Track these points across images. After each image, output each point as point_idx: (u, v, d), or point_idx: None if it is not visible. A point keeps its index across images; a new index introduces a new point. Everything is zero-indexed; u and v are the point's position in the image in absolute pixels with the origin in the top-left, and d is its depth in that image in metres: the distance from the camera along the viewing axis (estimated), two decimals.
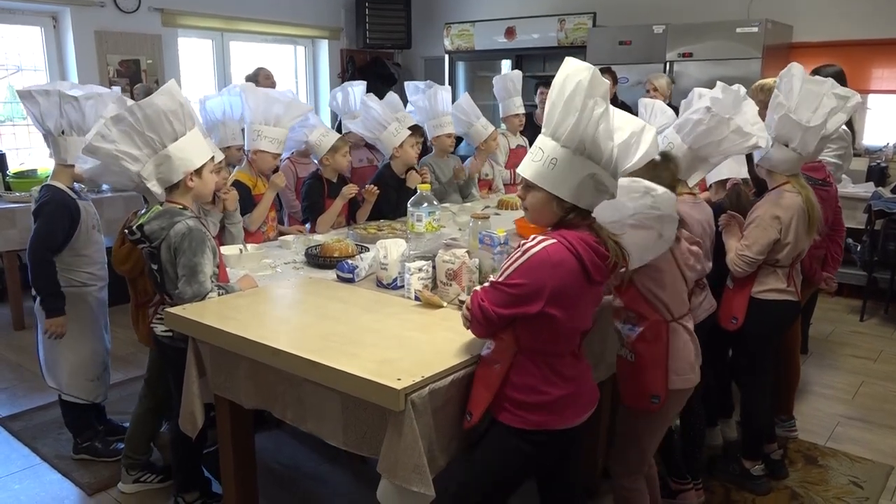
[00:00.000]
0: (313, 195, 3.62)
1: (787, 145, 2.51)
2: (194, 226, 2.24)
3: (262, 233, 3.41)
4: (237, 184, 3.32)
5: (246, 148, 3.43)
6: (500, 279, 1.70)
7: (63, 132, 2.75)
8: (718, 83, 2.46)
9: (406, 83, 4.84)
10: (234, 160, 3.59)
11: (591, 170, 1.66)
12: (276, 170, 3.51)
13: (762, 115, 2.56)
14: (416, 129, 4.00)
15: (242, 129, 3.55)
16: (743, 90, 2.43)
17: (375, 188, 3.71)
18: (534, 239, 1.69)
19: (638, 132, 1.73)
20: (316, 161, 3.82)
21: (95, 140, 2.19)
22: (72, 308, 2.87)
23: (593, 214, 1.75)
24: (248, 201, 3.33)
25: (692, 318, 2.16)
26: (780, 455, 2.90)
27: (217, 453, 2.41)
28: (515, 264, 1.68)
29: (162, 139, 2.23)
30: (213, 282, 2.28)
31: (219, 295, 2.29)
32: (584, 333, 1.84)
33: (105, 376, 3.05)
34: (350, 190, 3.57)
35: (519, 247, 1.70)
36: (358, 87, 4.75)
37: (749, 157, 2.75)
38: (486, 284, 1.74)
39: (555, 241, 1.67)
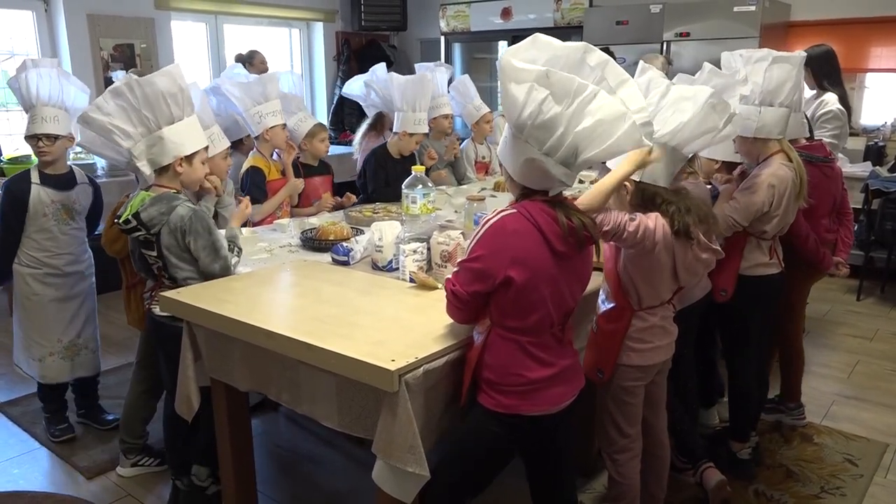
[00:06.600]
0: None
1: (771, 105, 2.45)
2: (195, 207, 2.28)
3: (276, 216, 3.39)
4: (252, 169, 3.33)
5: (254, 134, 3.40)
6: (464, 258, 1.73)
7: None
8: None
9: (417, 65, 4.79)
10: (248, 151, 3.60)
11: (530, 154, 1.64)
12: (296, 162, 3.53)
13: None
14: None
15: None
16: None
17: (354, 197, 3.73)
18: (494, 212, 1.72)
19: (610, 121, 1.59)
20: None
21: (91, 110, 2.20)
22: (16, 285, 2.95)
23: None
24: (261, 187, 3.33)
25: (669, 307, 2.14)
26: (747, 455, 2.80)
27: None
28: (476, 238, 1.71)
29: (157, 120, 2.23)
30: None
31: (237, 255, 2.41)
32: (566, 315, 1.81)
33: (55, 363, 2.99)
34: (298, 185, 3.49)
35: (483, 223, 1.72)
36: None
37: None
38: (456, 268, 1.76)
39: (514, 211, 1.69)
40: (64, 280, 2.97)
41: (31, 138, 2.79)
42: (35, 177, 2.85)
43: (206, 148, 2.41)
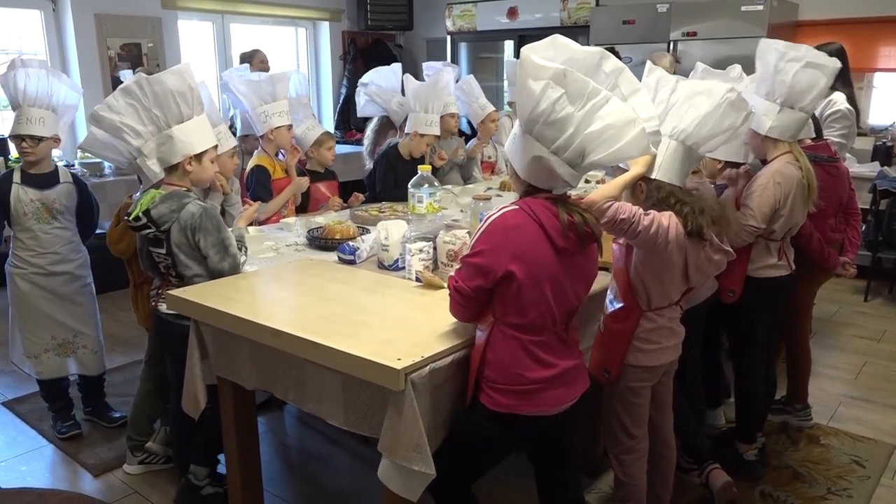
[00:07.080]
0: None
1: (792, 107, 2.42)
2: (205, 204, 2.29)
3: (282, 214, 3.40)
4: (257, 168, 3.34)
5: (259, 133, 3.41)
6: (466, 254, 1.75)
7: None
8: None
9: (424, 64, 4.78)
10: (253, 148, 3.62)
11: (537, 152, 1.65)
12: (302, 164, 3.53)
13: None
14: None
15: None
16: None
17: (362, 196, 3.74)
18: (497, 208, 1.74)
19: (619, 126, 1.61)
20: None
21: (101, 109, 2.23)
22: (8, 284, 2.98)
23: None
24: (266, 186, 3.33)
25: (677, 309, 2.13)
26: (754, 456, 2.79)
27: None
28: (478, 234, 1.73)
29: (167, 118, 2.25)
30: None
31: (244, 254, 2.42)
32: (570, 314, 1.80)
33: (50, 359, 3.01)
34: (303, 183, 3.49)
35: (485, 219, 1.74)
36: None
37: None
38: (459, 265, 1.77)
39: (515, 207, 1.71)
40: (50, 279, 2.95)
41: (15, 138, 2.80)
42: (17, 176, 2.87)
43: (216, 147, 2.42)
